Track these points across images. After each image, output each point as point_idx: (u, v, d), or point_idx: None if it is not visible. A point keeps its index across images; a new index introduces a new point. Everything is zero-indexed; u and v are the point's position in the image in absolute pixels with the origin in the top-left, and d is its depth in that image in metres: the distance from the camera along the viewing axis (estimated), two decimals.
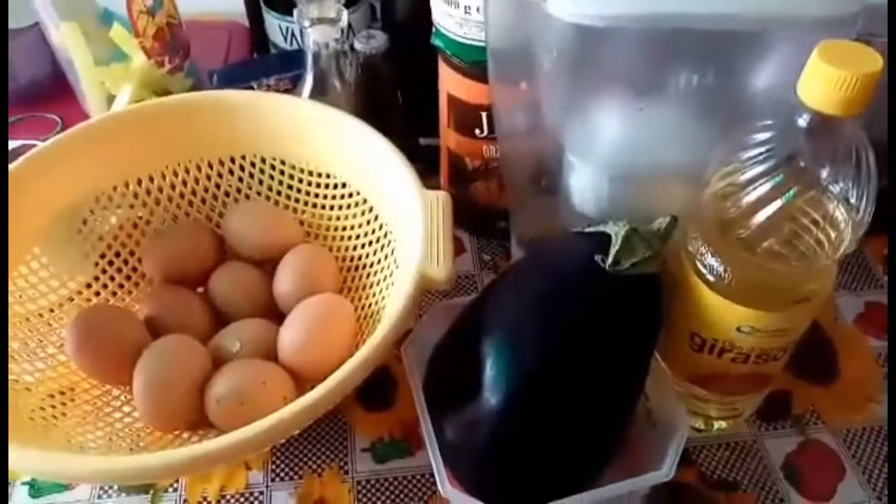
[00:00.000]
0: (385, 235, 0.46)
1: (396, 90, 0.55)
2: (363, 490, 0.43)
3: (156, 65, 0.54)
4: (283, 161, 0.50)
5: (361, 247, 0.48)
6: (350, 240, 0.49)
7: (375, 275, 0.46)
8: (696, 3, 0.33)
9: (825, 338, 0.51)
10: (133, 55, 0.54)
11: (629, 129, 0.39)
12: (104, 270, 0.48)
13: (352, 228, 0.49)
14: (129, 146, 0.48)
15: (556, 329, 0.36)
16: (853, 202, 0.32)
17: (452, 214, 0.41)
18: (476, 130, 0.50)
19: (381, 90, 0.54)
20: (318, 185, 0.50)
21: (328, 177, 0.49)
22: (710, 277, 0.37)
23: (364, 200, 0.48)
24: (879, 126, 0.32)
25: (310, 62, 0.50)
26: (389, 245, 0.45)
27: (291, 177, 0.50)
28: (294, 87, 0.53)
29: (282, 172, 0.50)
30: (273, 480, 0.44)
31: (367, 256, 0.47)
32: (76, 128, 0.46)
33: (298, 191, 0.50)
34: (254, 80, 0.57)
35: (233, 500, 0.43)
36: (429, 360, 0.40)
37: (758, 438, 0.46)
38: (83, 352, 0.42)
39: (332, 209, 0.50)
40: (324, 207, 0.50)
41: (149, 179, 0.49)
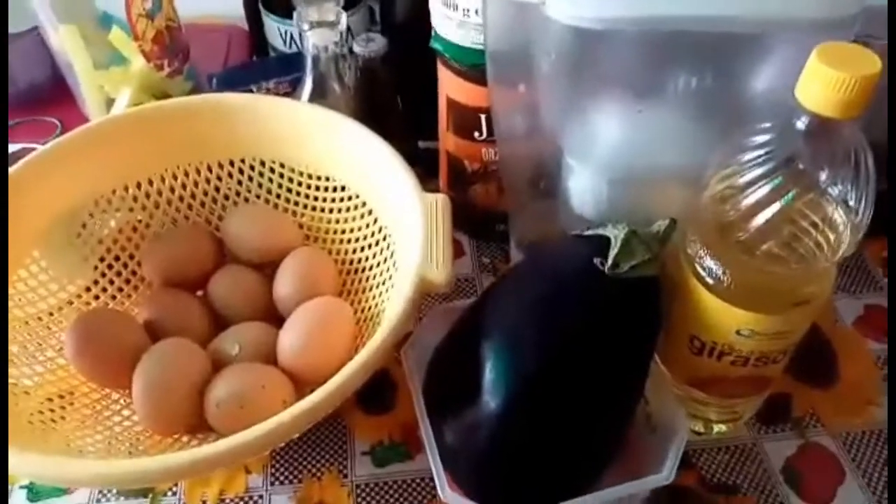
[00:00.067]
0: (384, 238, 0.46)
1: (395, 93, 0.55)
2: (363, 494, 0.43)
3: (155, 68, 0.54)
4: (283, 164, 0.50)
5: (361, 250, 0.48)
6: (349, 243, 0.49)
7: (375, 278, 0.46)
8: (695, 6, 0.33)
9: (825, 340, 0.51)
10: (132, 58, 0.54)
11: (628, 132, 0.39)
12: (103, 274, 0.48)
13: (351, 231, 0.49)
14: (129, 149, 0.48)
15: (556, 332, 0.36)
16: (852, 204, 0.32)
17: (452, 217, 0.41)
18: (475, 133, 0.50)
19: (381, 93, 0.54)
20: (318, 189, 0.50)
21: (327, 180, 0.49)
22: (710, 280, 0.37)
23: (363, 203, 0.48)
24: (878, 128, 0.32)
25: (309, 65, 0.50)
26: (389, 248, 0.45)
27: (291, 180, 0.50)
28: (293, 91, 0.53)
29: (281, 175, 0.50)
30: (272, 484, 0.44)
31: (367, 259, 0.47)
32: (75, 131, 0.46)
33: (298, 194, 0.50)
34: (253, 84, 0.57)
35: None
36: (428, 364, 0.40)
37: (757, 441, 0.46)
38: (82, 355, 0.42)
39: (332, 212, 0.50)
40: (323, 210, 0.50)
41: (148, 183, 0.49)
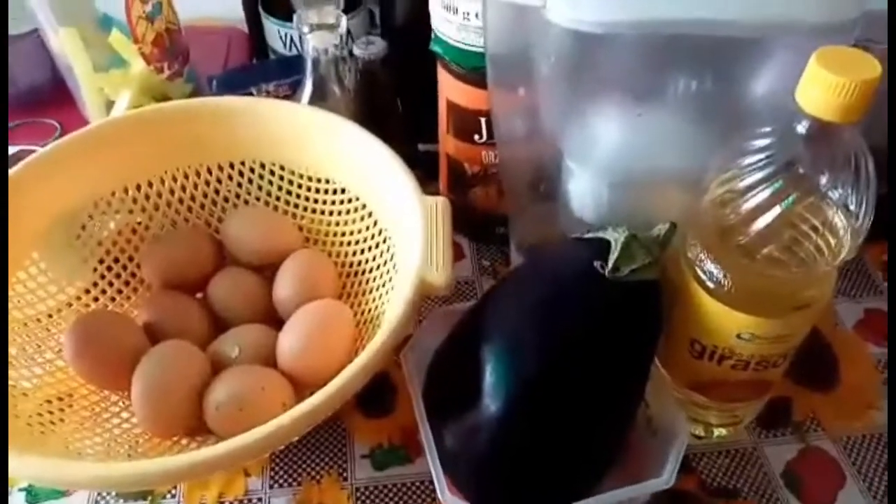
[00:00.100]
0: (384, 241, 0.46)
1: (395, 96, 0.55)
2: (362, 497, 0.43)
3: (155, 71, 0.54)
4: (283, 166, 0.50)
5: (361, 252, 0.48)
6: (349, 245, 0.49)
7: (375, 280, 0.46)
8: (694, 10, 0.33)
9: (825, 344, 0.51)
10: (132, 61, 0.54)
11: (628, 135, 0.39)
12: (103, 276, 0.48)
13: (351, 234, 0.49)
14: (128, 152, 0.48)
15: (556, 335, 0.36)
16: (852, 208, 0.32)
17: (451, 220, 0.41)
18: (475, 136, 0.50)
19: (381, 96, 0.54)
20: (318, 191, 0.50)
21: (327, 182, 0.49)
22: (710, 284, 0.37)
23: (363, 206, 0.48)
24: (878, 132, 0.32)
25: (309, 68, 0.50)
26: (389, 251, 0.45)
27: (291, 182, 0.50)
28: (293, 93, 0.53)
29: (281, 178, 0.50)
30: (272, 487, 0.44)
31: (367, 262, 0.47)
32: (75, 133, 0.46)
33: (298, 196, 0.50)
34: (253, 86, 0.58)
35: None
36: (428, 367, 0.40)
37: (758, 445, 0.46)
38: (81, 357, 0.42)
39: (332, 215, 0.50)
40: (323, 213, 0.50)
41: (148, 185, 0.49)
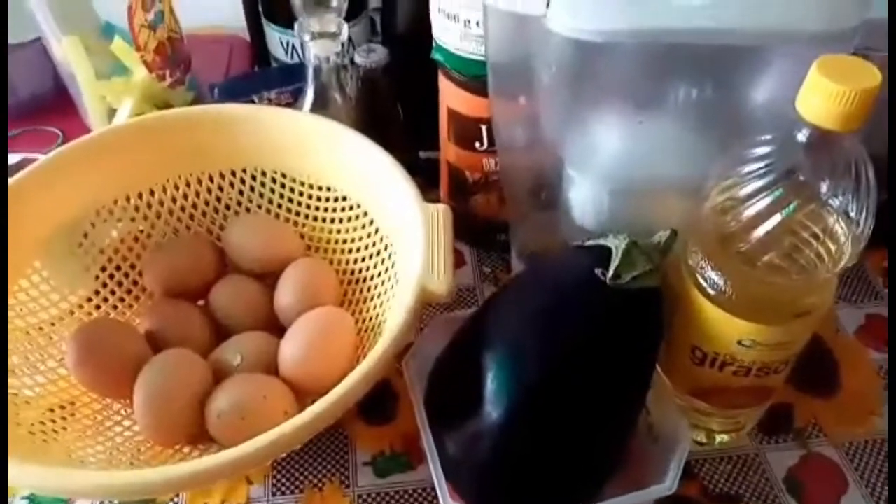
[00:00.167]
0: (385, 248, 0.46)
1: (397, 104, 0.55)
2: None
3: (157, 78, 0.55)
4: (284, 174, 0.50)
5: (362, 260, 0.48)
6: (351, 253, 0.49)
7: (376, 288, 0.46)
8: (695, 19, 0.33)
9: (826, 350, 0.51)
10: (134, 69, 0.54)
11: (628, 143, 0.40)
12: (105, 284, 0.48)
13: (352, 241, 0.49)
14: (130, 159, 0.48)
15: (557, 343, 0.36)
16: (853, 216, 0.32)
17: (453, 227, 0.41)
18: (476, 143, 0.50)
19: (382, 104, 0.54)
20: (319, 199, 0.50)
21: (329, 190, 0.49)
22: (711, 291, 0.37)
23: (365, 213, 0.48)
24: (878, 140, 0.32)
25: (311, 76, 0.50)
26: (390, 258, 0.45)
27: (292, 190, 0.50)
28: (295, 101, 0.53)
29: (283, 185, 0.50)
30: (274, 494, 0.44)
31: (368, 269, 0.47)
32: (77, 141, 0.46)
33: (299, 204, 0.51)
34: (255, 94, 0.58)
35: None
36: (430, 374, 0.40)
37: (760, 452, 0.46)
38: (84, 365, 0.42)
39: (333, 222, 0.50)
40: (324, 220, 0.50)
41: (149, 193, 0.49)
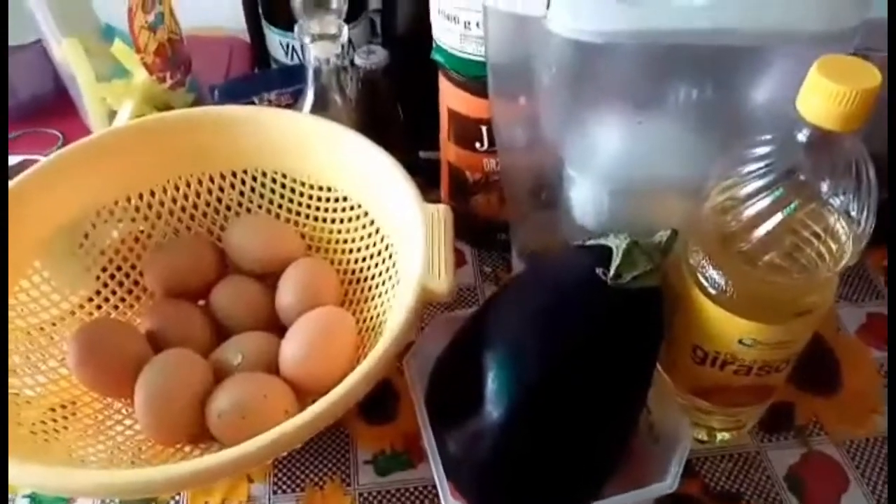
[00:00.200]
0: (386, 248, 0.46)
1: (397, 105, 0.55)
2: (365, 503, 0.43)
3: (157, 80, 0.55)
4: (285, 175, 0.50)
5: (363, 260, 0.48)
6: (351, 253, 0.49)
7: (377, 288, 0.46)
8: (695, 20, 0.33)
9: (827, 349, 0.51)
10: (134, 71, 0.54)
11: (628, 143, 0.40)
12: (105, 284, 0.48)
13: (353, 242, 0.49)
14: (131, 161, 0.48)
15: (558, 342, 0.36)
16: (854, 215, 0.32)
17: (453, 227, 0.41)
18: (476, 144, 0.50)
19: (382, 105, 0.54)
20: (320, 199, 0.50)
21: (329, 190, 0.49)
22: (712, 290, 0.37)
23: (365, 214, 0.48)
24: (879, 139, 0.32)
25: (311, 77, 0.50)
26: (391, 258, 0.45)
27: (293, 190, 0.50)
28: (295, 102, 0.53)
29: (283, 186, 0.50)
30: (275, 493, 0.44)
31: (369, 269, 0.47)
32: (78, 143, 0.46)
33: (300, 204, 0.51)
34: (255, 95, 0.58)
35: None
36: (430, 373, 0.40)
37: (761, 450, 0.46)
38: (85, 365, 0.42)
39: (334, 222, 0.50)
40: (325, 221, 0.50)
41: (150, 194, 0.49)
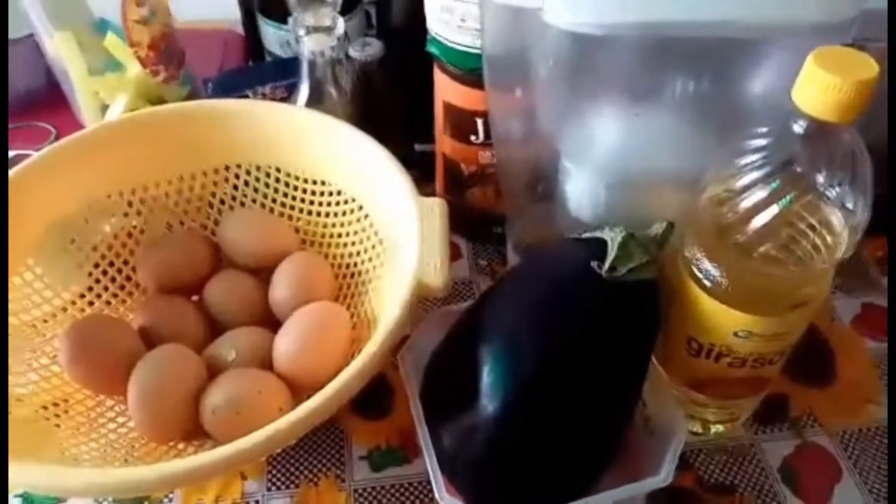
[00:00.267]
0: (381, 242, 0.46)
1: (392, 97, 0.55)
2: (360, 499, 0.43)
3: (150, 74, 0.54)
4: (279, 169, 0.50)
5: (357, 254, 0.48)
6: (346, 247, 0.49)
7: (371, 282, 0.46)
8: (692, 11, 0.33)
9: (822, 339, 0.51)
10: (127, 64, 0.54)
11: (625, 135, 0.39)
12: (98, 280, 0.48)
13: (347, 236, 0.49)
14: (124, 155, 0.47)
15: (554, 335, 0.36)
16: (850, 206, 0.32)
17: (448, 221, 0.41)
18: (472, 137, 0.50)
19: (377, 97, 0.54)
20: (314, 193, 0.50)
21: (324, 184, 0.49)
22: (707, 283, 0.37)
23: (360, 207, 0.48)
24: (875, 130, 0.32)
25: (305, 70, 0.50)
26: (386, 252, 0.45)
27: (287, 184, 0.50)
28: (289, 96, 0.53)
29: (277, 180, 0.50)
30: (269, 489, 0.44)
31: (363, 263, 0.47)
32: (70, 137, 0.46)
33: (294, 198, 0.50)
34: (249, 89, 0.57)
35: None
36: (426, 368, 0.40)
37: (755, 442, 0.46)
38: (77, 362, 0.42)
39: (328, 216, 0.50)
40: (319, 215, 0.50)
41: (143, 188, 0.49)
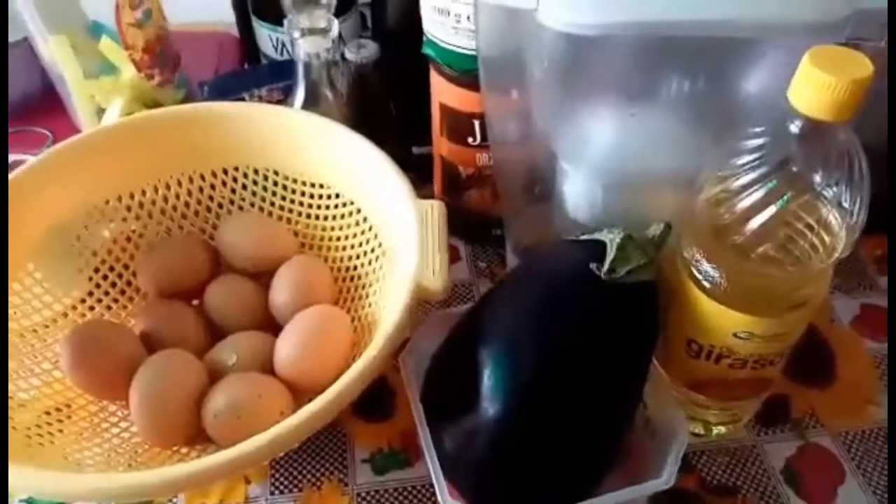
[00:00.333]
0: (380, 245, 0.46)
1: (388, 99, 0.55)
2: (363, 502, 0.43)
3: (146, 77, 0.54)
4: (277, 172, 0.50)
5: (356, 257, 0.48)
6: (345, 250, 0.49)
7: (371, 285, 0.46)
8: (687, 11, 0.33)
9: (822, 340, 0.51)
10: (123, 68, 0.53)
11: (621, 136, 0.39)
12: (98, 285, 0.48)
13: (346, 239, 0.49)
14: (121, 159, 0.47)
15: (554, 338, 0.36)
16: (847, 206, 0.32)
17: (447, 223, 0.41)
18: (469, 138, 0.50)
19: (373, 99, 0.54)
20: (312, 196, 0.50)
21: (322, 187, 0.49)
22: (706, 284, 0.37)
23: (358, 210, 0.48)
24: (870, 129, 0.32)
25: (301, 72, 0.49)
26: (384, 255, 0.45)
27: (285, 188, 0.50)
28: (286, 98, 0.53)
29: (275, 183, 0.50)
30: (272, 493, 0.44)
31: (363, 267, 0.47)
32: (67, 142, 0.46)
33: (292, 202, 0.50)
34: (245, 91, 0.57)
35: None
36: (426, 370, 0.40)
37: (757, 443, 0.46)
38: (78, 368, 0.42)
39: (327, 220, 0.50)
40: (318, 218, 0.50)
41: (141, 193, 0.49)
